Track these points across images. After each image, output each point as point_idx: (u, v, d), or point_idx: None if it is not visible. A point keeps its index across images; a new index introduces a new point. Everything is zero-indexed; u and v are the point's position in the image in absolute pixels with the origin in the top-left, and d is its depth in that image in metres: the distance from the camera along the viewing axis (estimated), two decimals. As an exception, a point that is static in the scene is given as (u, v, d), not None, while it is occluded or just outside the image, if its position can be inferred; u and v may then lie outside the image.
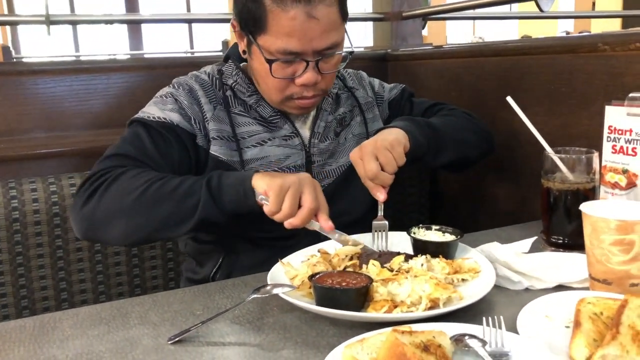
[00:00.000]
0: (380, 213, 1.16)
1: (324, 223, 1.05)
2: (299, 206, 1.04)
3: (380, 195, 1.15)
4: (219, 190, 1.08)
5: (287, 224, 1.04)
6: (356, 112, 1.43)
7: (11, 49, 6.35)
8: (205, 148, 1.25)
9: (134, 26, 9.38)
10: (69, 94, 1.68)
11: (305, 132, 1.34)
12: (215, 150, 1.25)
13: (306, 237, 1.11)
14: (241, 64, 1.34)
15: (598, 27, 6.91)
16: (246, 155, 1.27)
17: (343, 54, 1.23)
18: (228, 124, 1.27)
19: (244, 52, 1.28)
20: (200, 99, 1.27)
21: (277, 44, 1.16)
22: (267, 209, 1.04)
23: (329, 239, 1.10)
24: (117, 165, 1.16)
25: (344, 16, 1.22)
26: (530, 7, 1.60)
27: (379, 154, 1.15)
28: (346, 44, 1.24)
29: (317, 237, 1.11)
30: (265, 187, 1.04)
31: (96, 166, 1.18)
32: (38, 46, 9.68)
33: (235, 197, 1.08)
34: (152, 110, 1.25)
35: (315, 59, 1.18)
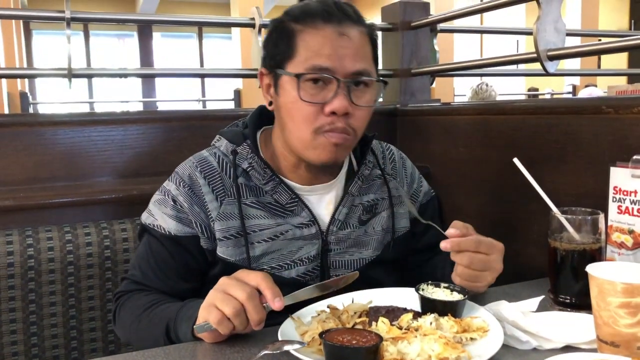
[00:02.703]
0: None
1: (272, 305, 0.97)
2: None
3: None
4: (177, 340, 1.09)
5: (254, 327, 0.98)
6: (386, 204, 1.35)
7: (28, 94, 6.51)
8: (211, 249, 1.22)
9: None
10: (87, 145, 1.73)
11: (325, 218, 1.27)
12: (222, 252, 1.21)
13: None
14: (259, 134, 1.30)
15: (604, 82, 7.03)
16: (255, 251, 1.22)
17: (374, 80, 1.20)
18: (237, 218, 1.21)
19: (270, 102, 1.23)
20: (203, 197, 1.22)
21: (306, 63, 1.13)
22: (222, 330, 0.98)
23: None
24: (126, 290, 1.26)
25: (375, 56, 1.23)
26: (536, 65, 1.65)
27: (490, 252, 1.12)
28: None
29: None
30: (202, 319, 1.00)
31: (119, 286, 1.31)
32: (54, 92, 9.92)
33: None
34: (155, 214, 1.25)
35: (346, 81, 1.14)
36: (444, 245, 1.10)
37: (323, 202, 1.28)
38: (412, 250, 1.42)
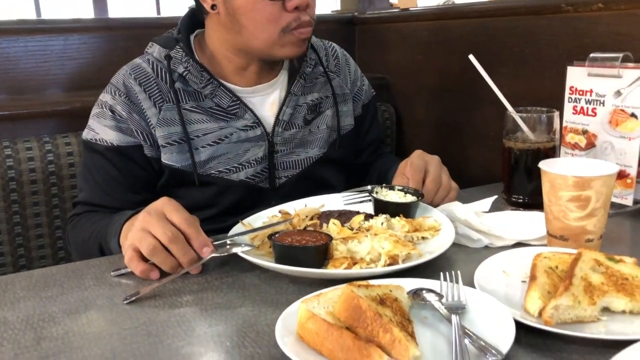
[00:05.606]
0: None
1: (200, 254, 0.88)
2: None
3: None
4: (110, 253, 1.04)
5: (187, 268, 0.88)
6: (330, 103, 1.33)
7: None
8: (155, 157, 1.18)
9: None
10: (24, 56, 1.62)
11: (269, 119, 1.25)
12: (166, 158, 1.18)
13: (259, 207, 1.10)
14: (192, 37, 1.24)
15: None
16: (200, 157, 1.19)
17: None
18: (178, 124, 1.18)
19: (213, 7, 1.16)
20: (141, 104, 1.18)
21: None
22: (134, 269, 0.89)
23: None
24: (77, 213, 1.22)
25: None
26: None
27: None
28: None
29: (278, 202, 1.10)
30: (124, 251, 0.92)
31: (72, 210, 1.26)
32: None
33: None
34: (95, 127, 1.19)
35: None
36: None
37: (266, 104, 1.25)
38: (357, 150, 1.42)
